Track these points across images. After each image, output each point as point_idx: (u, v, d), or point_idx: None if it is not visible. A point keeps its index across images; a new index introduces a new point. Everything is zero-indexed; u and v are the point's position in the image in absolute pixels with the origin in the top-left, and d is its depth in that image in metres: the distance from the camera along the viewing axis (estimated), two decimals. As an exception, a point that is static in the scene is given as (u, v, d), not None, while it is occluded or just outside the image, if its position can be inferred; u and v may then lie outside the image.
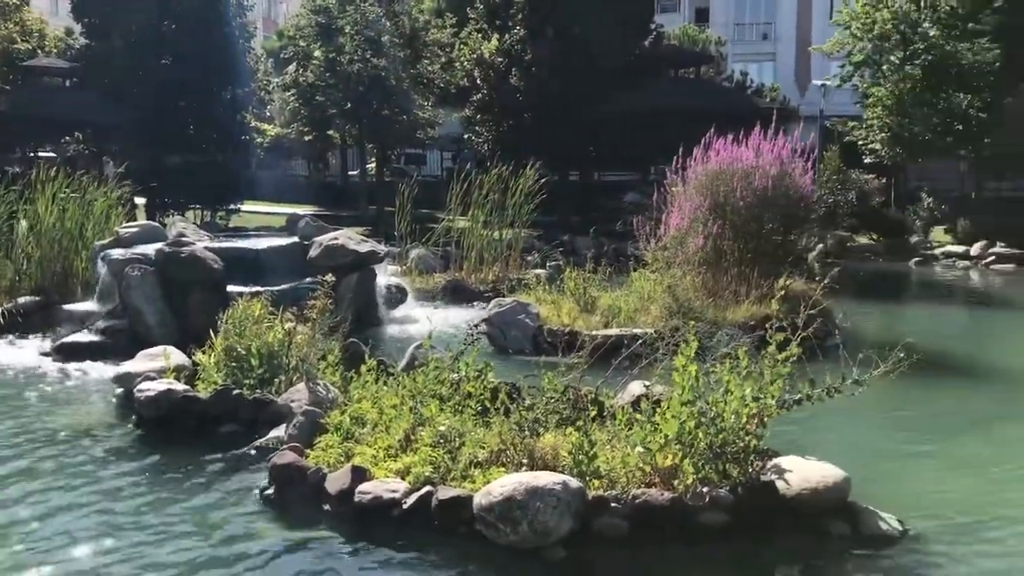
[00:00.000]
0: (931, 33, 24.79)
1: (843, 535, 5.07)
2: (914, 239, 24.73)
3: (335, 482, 5.38)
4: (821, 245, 22.62)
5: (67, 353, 9.73)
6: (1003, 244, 22.05)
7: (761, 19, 52.51)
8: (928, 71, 24.90)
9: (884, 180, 28.76)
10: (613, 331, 10.13)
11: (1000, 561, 5.01)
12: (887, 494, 5.69)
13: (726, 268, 11.79)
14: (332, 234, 11.83)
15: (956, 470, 6.50)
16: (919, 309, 16.02)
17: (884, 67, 26.16)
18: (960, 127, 25.26)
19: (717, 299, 11.17)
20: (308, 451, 5.95)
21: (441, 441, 5.62)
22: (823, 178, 25.53)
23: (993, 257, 21.73)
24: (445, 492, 5.07)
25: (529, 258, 16.90)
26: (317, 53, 28.56)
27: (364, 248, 11.63)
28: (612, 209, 13.02)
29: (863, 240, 24.92)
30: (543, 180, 16.91)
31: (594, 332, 10.10)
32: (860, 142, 27.62)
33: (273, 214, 27.78)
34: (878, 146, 26.66)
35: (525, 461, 5.33)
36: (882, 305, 16.19)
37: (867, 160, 27.75)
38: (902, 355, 5.69)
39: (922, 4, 25.33)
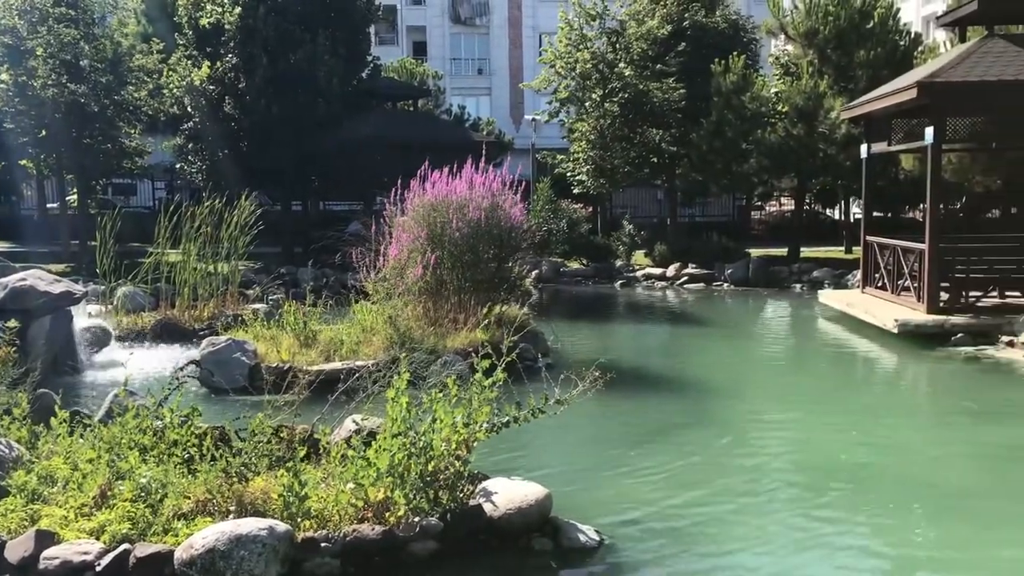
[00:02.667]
0: (626, 73, 26.89)
1: (545, 550, 5.36)
2: (618, 263, 26.64)
3: (16, 549, 4.90)
4: (537, 271, 23.85)
5: None
6: (694, 265, 24.32)
7: (476, 55, 54.67)
8: (625, 108, 27.00)
9: (591, 209, 30.81)
10: (335, 365, 10.07)
11: (693, 562, 5.48)
12: (586, 506, 6.10)
13: (446, 296, 12.13)
14: (20, 274, 10.83)
15: (647, 479, 7.05)
16: (624, 328, 17.28)
17: (587, 103, 28.03)
18: (655, 160, 27.62)
19: (437, 327, 11.44)
20: (-13, 518, 5.38)
21: (142, 495, 5.31)
22: (536, 208, 26.94)
23: (686, 277, 23.91)
24: (144, 549, 4.78)
25: (249, 292, 16.37)
26: (4, 76, 26.02)
27: (58, 289, 10.73)
28: (335, 240, 12.90)
29: (575, 265, 26.48)
30: (262, 211, 16.48)
31: (314, 367, 9.99)
32: (568, 174, 29.40)
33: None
34: (584, 177, 28.49)
35: (233, 508, 5.16)
36: (591, 325, 17.32)
37: (576, 190, 29.58)
38: (597, 373, 6.12)
39: (617, 46, 27.45)
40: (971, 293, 14.25)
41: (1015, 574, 5.35)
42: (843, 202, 33.53)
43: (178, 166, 30.07)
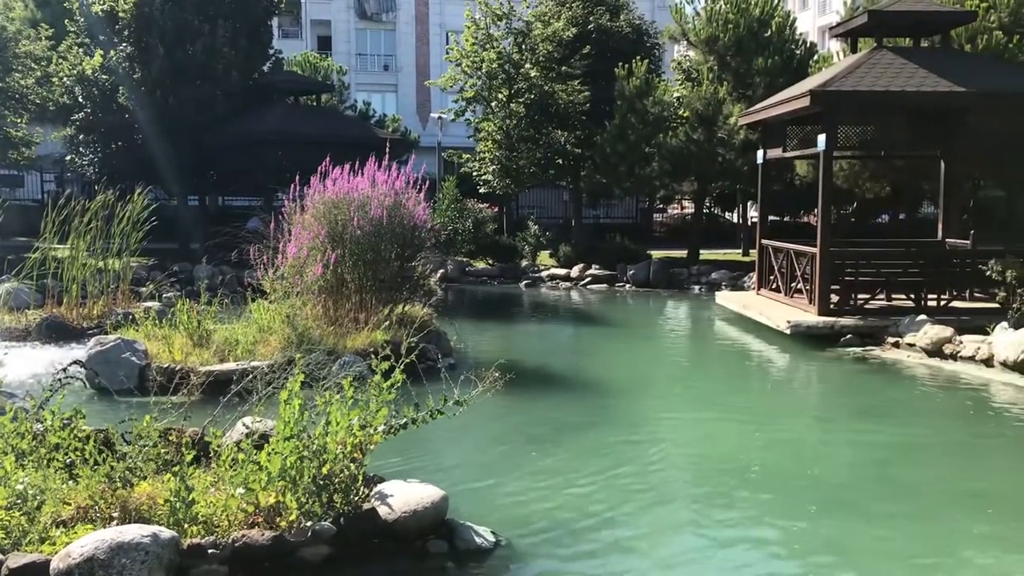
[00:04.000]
0: (532, 74, 27.07)
1: (441, 552, 5.33)
2: (524, 263, 26.78)
3: None
4: (442, 271, 23.76)
5: None
6: (597, 266, 24.63)
7: (382, 51, 54.17)
8: (531, 108, 27.18)
9: (497, 209, 30.90)
10: (229, 365, 9.81)
11: (588, 562, 5.51)
12: (484, 508, 6.09)
13: (347, 295, 11.95)
14: None
15: (545, 479, 7.09)
16: (527, 327, 17.37)
17: (493, 103, 28.11)
18: (560, 161, 27.88)
19: (338, 327, 11.26)
20: None
21: (17, 502, 5.05)
22: (442, 207, 26.86)
23: (589, 278, 24.19)
24: (17, 559, 4.55)
25: (142, 290, 15.82)
26: None
27: (-68, 285, 10.16)
28: (232, 236, 12.58)
29: (480, 264, 26.49)
30: (157, 205, 15.96)
31: (208, 368, 9.72)
32: (475, 173, 29.41)
33: None
34: (490, 177, 28.55)
35: (116, 515, 4.97)
36: (496, 325, 17.36)
37: (482, 190, 29.61)
38: (498, 374, 6.11)
39: (523, 47, 27.60)
40: (860, 296, 14.81)
41: (890, 570, 5.56)
42: (741, 206, 34.52)
43: (68, 158, 28.90)
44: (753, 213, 31.13)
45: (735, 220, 38.00)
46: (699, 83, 24.72)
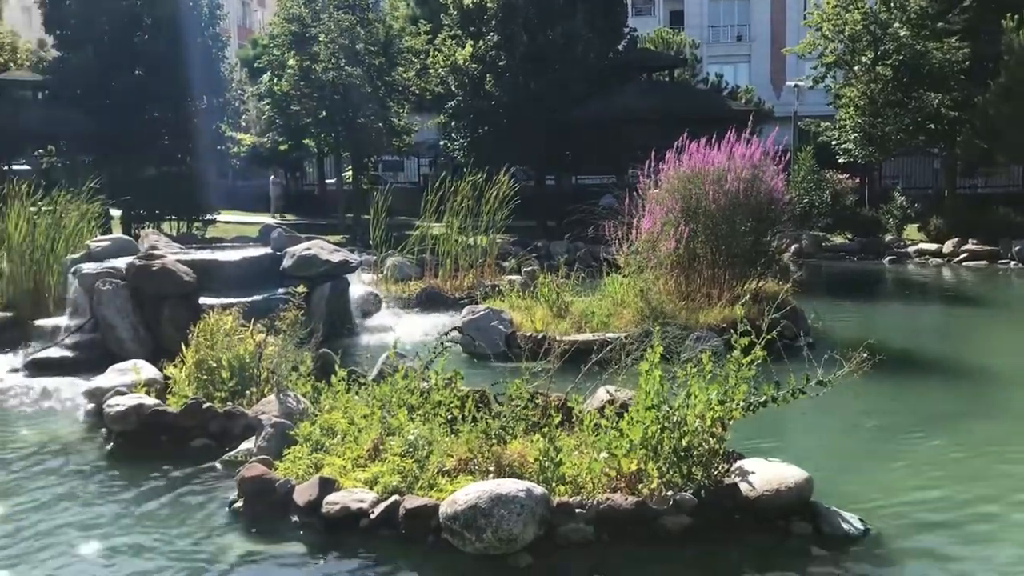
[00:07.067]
0: (901, 33, 25.00)
1: (805, 535, 5.14)
2: (888, 237, 24.95)
3: (303, 493, 5.39)
4: (796, 245, 22.83)
5: (38, 368, 9.68)
6: (975, 241, 22.30)
7: (735, 21, 52.87)
8: (899, 71, 25.14)
9: (858, 179, 29.03)
10: (585, 336, 10.18)
11: (967, 559, 5.06)
12: (850, 494, 5.77)
13: (699, 271, 11.88)
14: (305, 244, 11.82)
15: (920, 469, 6.57)
16: (892, 307, 16.17)
17: (855, 68, 26.39)
18: (932, 126, 25.54)
19: (690, 302, 11.25)
20: (277, 463, 5.96)
21: (410, 450, 5.65)
22: (797, 178, 25.76)
23: (965, 254, 21.97)
24: (412, 501, 5.10)
25: (504, 264, 16.95)
26: (291, 62, 28.52)
27: (337, 257, 11.62)
28: (587, 213, 13.04)
29: (838, 239, 25.12)
30: (518, 185, 16.98)
31: (567, 337, 10.16)
32: (834, 142, 27.85)
33: (250, 224, 27.67)
34: (851, 146, 26.89)
35: (492, 469, 5.37)
36: (856, 304, 16.35)
37: (841, 160, 27.99)
38: (866, 355, 5.75)
39: (892, 4, 25.55)
40: None
41: None
42: None
43: (441, 143, 31.59)
44: None
45: None
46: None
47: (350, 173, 31.58)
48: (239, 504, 5.63)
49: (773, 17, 51.72)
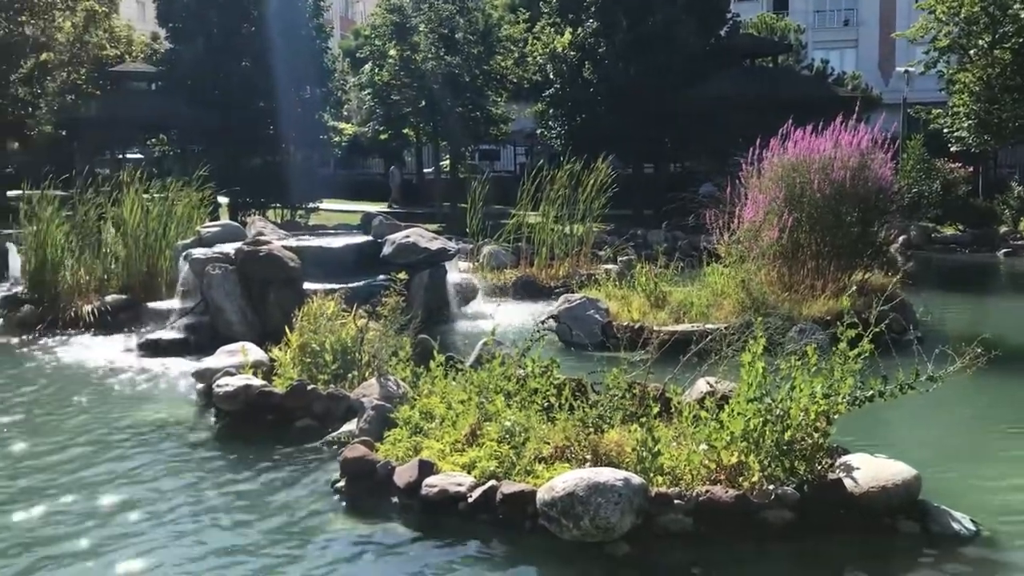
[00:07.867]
0: (1022, 15, 23.81)
1: (912, 534, 4.98)
2: (1003, 229, 23.86)
3: (403, 475, 5.49)
4: (904, 237, 22.03)
5: (151, 349, 10.10)
6: (1099, 234, 21.17)
7: (843, 5, 51.23)
8: (1019, 54, 23.97)
9: (971, 168, 27.82)
10: (683, 326, 10.06)
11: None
12: (959, 493, 5.55)
13: (802, 261, 11.58)
14: (404, 232, 12.00)
15: (1027, 469, 6.28)
16: (1007, 302, 15.47)
17: (971, 51, 25.27)
18: (1053, 112, 24.31)
19: (793, 293, 10.99)
20: (378, 445, 6.09)
21: (506, 436, 5.69)
22: (906, 167, 24.83)
23: (1088, 247, 20.89)
24: (509, 487, 5.14)
25: (600, 253, 16.85)
26: (392, 52, 28.94)
27: (435, 245, 11.77)
28: (686, 202, 12.85)
29: (949, 231, 24.14)
30: (616, 173, 16.84)
31: (665, 327, 10.05)
32: (945, 130, 26.76)
33: (351, 212, 28.26)
34: (964, 134, 25.79)
35: (588, 457, 5.36)
36: (967, 298, 15.70)
37: (953, 148, 26.88)
38: (979, 351, 5.52)
39: (1012, -15, 24.39)
40: None
41: None
42: None
43: (538, 131, 31.58)
44: None
45: None
46: None
47: (448, 162, 31.92)
48: (341, 484, 5.77)
49: (883, 1, 49.89)
